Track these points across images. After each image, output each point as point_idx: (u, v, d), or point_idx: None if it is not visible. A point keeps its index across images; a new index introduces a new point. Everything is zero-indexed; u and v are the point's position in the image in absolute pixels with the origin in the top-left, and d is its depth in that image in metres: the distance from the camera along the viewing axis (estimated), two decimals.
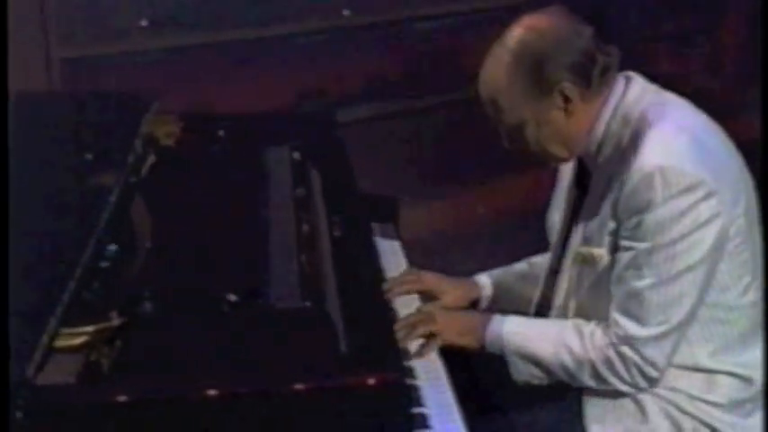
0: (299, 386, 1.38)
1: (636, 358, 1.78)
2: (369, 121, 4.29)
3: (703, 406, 1.85)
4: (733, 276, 1.82)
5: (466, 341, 1.89)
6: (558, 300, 1.93)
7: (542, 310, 2.03)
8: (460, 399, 1.75)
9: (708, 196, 1.72)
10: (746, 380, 1.87)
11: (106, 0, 3.85)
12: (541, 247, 2.11)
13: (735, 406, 1.87)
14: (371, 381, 1.39)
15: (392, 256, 2.19)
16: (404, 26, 4.50)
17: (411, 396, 1.50)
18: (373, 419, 1.38)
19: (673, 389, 1.85)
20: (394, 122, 4.41)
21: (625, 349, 1.78)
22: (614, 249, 1.80)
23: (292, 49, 4.20)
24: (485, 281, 2.16)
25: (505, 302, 2.15)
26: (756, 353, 1.89)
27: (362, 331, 1.53)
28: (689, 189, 1.71)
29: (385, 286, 2.03)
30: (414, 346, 1.84)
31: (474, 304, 2.15)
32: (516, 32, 1.82)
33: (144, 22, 4.04)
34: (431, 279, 2.12)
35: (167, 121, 2.30)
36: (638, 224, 1.74)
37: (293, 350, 1.45)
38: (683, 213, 1.72)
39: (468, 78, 4.40)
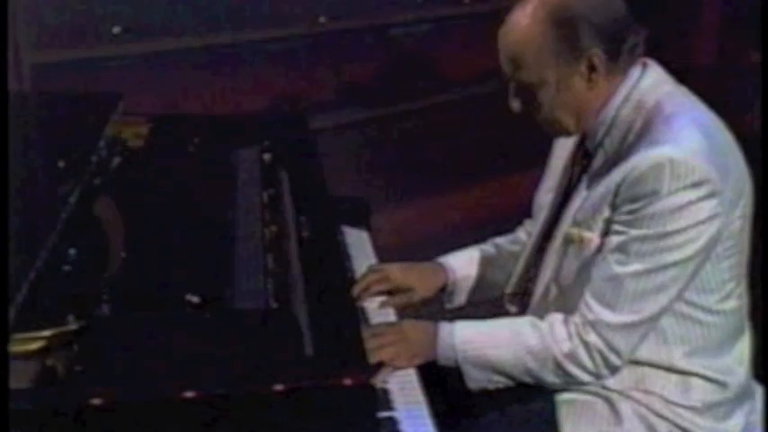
0: (262, 388, 1.31)
1: (600, 344, 1.72)
2: (343, 128, 4.25)
3: (678, 410, 1.80)
4: (717, 280, 1.77)
5: (418, 361, 1.79)
6: (542, 281, 1.86)
7: (523, 290, 1.95)
8: (431, 401, 1.69)
9: (711, 195, 1.68)
10: (721, 384, 1.82)
11: (78, 7, 3.79)
12: None
13: (709, 409, 1.82)
14: (339, 382, 1.32)
15: (359, 245, 2.15)
16: (379, 33, 4.46)
17: (379, 399, 1.43)
18: (341, 422, 1.32)
19: (647, 392, 1.80)
20: (368, 129, 4.37)
21: (590, 336, 1.72)
22: (605, 235, 1.73)
23: (268, 55, 4.14)
24: (451, 263, 2.09)
25: (471, 286, 2.09)
26: (733, 357, 1.85)
27: (330, 333, 1.47)
28: (695, 185, 1.66)
29: (353, 291, 1.96)
30: None
31: (441, 289, 2.09)
32: None
33: (116, 29, 3.98)
34: (396, 275, 2.04)
35: (135, 123, 2.24)
36: (637, 211, 1.68)
37: (257, 352, 1.38)
38: (683, 208, 1.67)
39: (441, 84, 4.43)
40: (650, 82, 1.77)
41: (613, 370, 1.75)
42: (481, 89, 4.42)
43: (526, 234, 2.09)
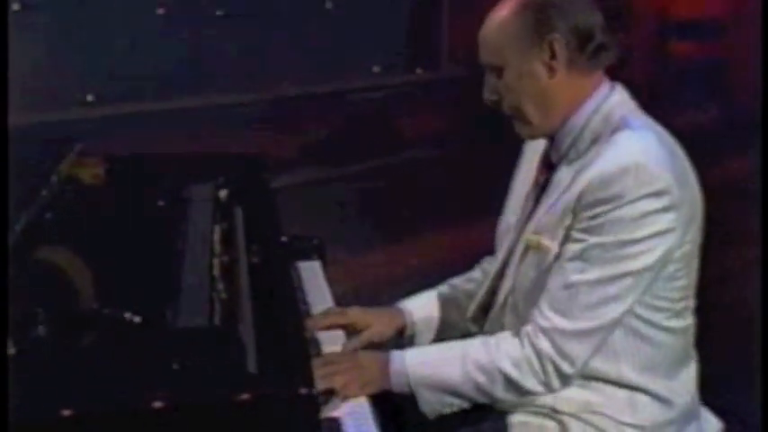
0: (202, 401, 1.16)
1: (552, 352, 1.58)
2: (304, 185, 4.15)
3: (626, 429, 1.66)
4: (667, 299, 1.64)
5: (370, 390, 1.63)
6: (503, 293, 1.71)
7: (486, 308, 1.79)
8: (381, 423, 1.54)
9: (670, 208, 1.56)
10: (668, 403, 1.69)
11: (54, 76, 3.67)
12: None
13: (657, 429, 1.68)
14: (280, 394, 1.17)
15: (313, 277, 2.00)
16: (337, 98, 4.41)
17: (320, 409, 1.27)
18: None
19: (596, 413, 1.65)
20: (328, 186, 4.28)
21: (542, 342, 1.58)
22: (564, 244, 1.60)
23: (234, 117, 4.07)
24: (409, 307, 1.92)
25: (429, 328, 1.91)
26: (680, 379, 1.72)
27: (275, 351, 1.31)
28: (657, 194, 1.54)
29: (308, 322, 1.80)
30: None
31: (400, 332, 1.90)
32: None
33: (90, 97, 3.88)
34: (354, 313, 1.87)
35: (91, 164, 2.08)
36: (598, 216, 1.55)
37: (197, 368, 1.22)
38: (643, 217, 1.54)
39: (395, 145, 4.38)
40: (619, 98, 1.66)
41: (564, 380, 1.61)
42: (432, 150, 4.38)
43: (482, 271, 1.96)
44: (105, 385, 1.19)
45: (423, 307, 1.93)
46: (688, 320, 1.71)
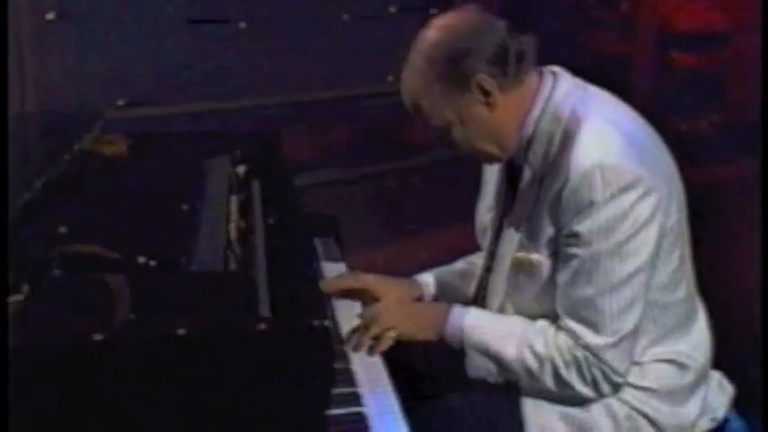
0: (221, 331, 1.09)
1: (599, 364, 1.50)
2: (321, 186, 4.10)
3: (636, 393, 1.57)
4: (667, 273, 1.55)
5: (425, 335, 1.58)
6: (495, 302, 1.63)
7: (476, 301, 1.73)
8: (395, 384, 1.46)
9: (647, 193, 1.46)
10: (681, 366, 1.59)
11: (86, 82, 3.62)
12: None
13: (668, 393, 1.58)
14: (292, 325, 1.10)
15: (327, 251, 1.93)
16: (352, 103, 4.37)
17: (332, 342, 1.18)
18: (295, 366, 1.09)
19: None
20: (343, 186, 4.23)
21: (588, 356, 1.50)
22: (555, 255, 1.52)
23: (254, 120, 4.02)
24: (426, 280, 1.84)
25: (448, 300, 1.81)
26: (692, 340, 1.62)
27: (288, 291, 1.23)
28: (628, 187, 1.45)
29: (323, 285, 1.72)
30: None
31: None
32: (427, 35, 1.53)
33: (121, 102, 3.81)
34: (370, 279, 1.78)
35: (114, 141, 2.02)
36: (581, 228, 1.46)
37: (214, 303, 1.15)
38: (625, 213, 1.45)
39: (406, 149, 4.32)
40: (562, 92, 1.55)
41: (615, 387, 1.54)
42: (441, 154, 4.31)
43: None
44: (130, 315, 1.12)
45: (441, 280, 1.85)
46: (686, 287, 1.61)
